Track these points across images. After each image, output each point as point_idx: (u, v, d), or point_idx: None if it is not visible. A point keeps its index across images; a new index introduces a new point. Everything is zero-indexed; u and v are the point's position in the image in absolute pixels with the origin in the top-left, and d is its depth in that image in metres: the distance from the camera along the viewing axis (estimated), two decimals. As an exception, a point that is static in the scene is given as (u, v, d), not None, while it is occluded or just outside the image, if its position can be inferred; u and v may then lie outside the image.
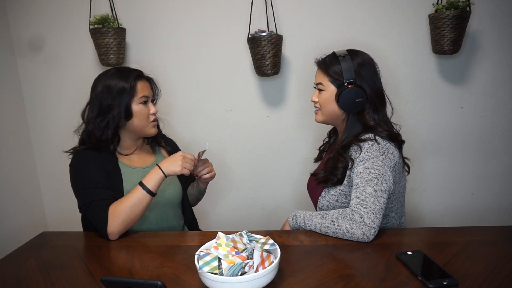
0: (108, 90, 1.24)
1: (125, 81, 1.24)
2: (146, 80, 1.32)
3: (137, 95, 1.26)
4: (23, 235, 1.36)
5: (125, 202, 1.16)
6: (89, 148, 1.26)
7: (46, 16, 1.96)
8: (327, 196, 1.24)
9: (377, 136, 1.17)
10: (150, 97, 1.32)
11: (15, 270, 1.04)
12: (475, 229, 1.16)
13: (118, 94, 1.24)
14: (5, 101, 1.97)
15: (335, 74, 1.20)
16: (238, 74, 1.94)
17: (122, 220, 1.15)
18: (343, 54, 1.21)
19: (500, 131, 1.87)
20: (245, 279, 0.81)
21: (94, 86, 1.29)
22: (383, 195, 1.07)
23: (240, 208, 2.09)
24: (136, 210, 1.17)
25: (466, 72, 1.83)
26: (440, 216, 2.00)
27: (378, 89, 1.23)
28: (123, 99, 1.24)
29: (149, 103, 1.31)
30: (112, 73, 1.28)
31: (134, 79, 1.26)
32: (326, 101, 1.24)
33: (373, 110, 1.22)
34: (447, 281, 0.84)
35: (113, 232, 1.15)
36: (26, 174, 2.09)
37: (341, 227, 1.06)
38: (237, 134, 2.02)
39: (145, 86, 1.30)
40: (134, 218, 1.17)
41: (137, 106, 1.26)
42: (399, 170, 1.18)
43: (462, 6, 1.60)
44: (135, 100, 1.26)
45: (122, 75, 1.26)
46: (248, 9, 1.80)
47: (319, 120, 1.30)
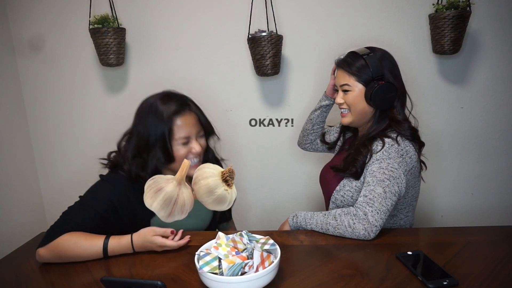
0: (146, 121, 1.09)
1: (163, 122, 1.08)
2: (191, 112, 1.13)
3: (175, 136, 1.09)
4: (23, 235, 1.36)
5: (78, 241, 1.02)
6: (124, 176, 1.13)
7: (46, 16, 1.96)
8: (342, 190, 1.21)
9: (399, 137, 1.15)
10: (195, 135, 1.13)
11: (15, 270, 1.04)
12: (475, 229, 1.16)
13: (156, 129, 1.08)
14: (5, 101, 1.97)
15: (361, 72, 1.19)
16: (238, 74, 1.94)
17: (60, 254, 1.02)
18: (366, 52, 1.20)
19: (500, 131, 1.87)
20: (245, 279, 0.81)
21: (136, 114, 1.13)
22: (392, 198, 1.07)
23: (240, 208, 2.09)
24: (81, 255, 1.02)
25: (466, 72, 1.83)
26: (440, 216, 2.00)
27: (402, 83, 1.23)
28: (162, 137, 1.08)
29: (193, 141, 1.13)
30: (155, 99, 1.11)
31: (172, 114, 1.08)
32: (355, 101, 1.21)
33: (401, 104, 1.21)
34: (447, 281, 0.84)
35: (44, 257, 1.03)
36: (26, 174, 2.09)
37: (344, 222, 1.06)
38: (237, 134, 2.02)
39: (187, 123, 1.11)
40: (73, 259, 1.03)
41: (176, 146, 1.10)
42: (415, 174, 1.17)
43: (462, 6, 1.60)
44: (174, 140, 1.10)
45: (161, 113, 1.08)
46: (248, 9, 1.80)
47: (347, 122, 1.26)
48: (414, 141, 1.18)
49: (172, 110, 1.09)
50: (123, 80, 1.98)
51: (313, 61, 1.88)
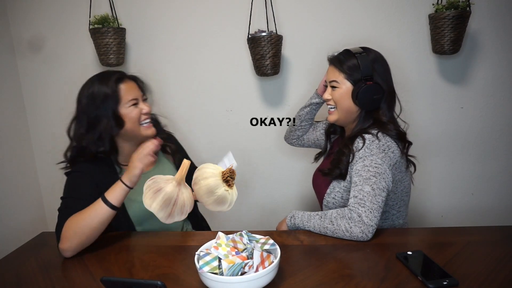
0: (91, 101, 1.17)
1: (106, 87, 1.16)
2: (131, 80, 1.23)
3: (123, 99, 1.18)
4: (23, 235, 1.36)
5: (82, 215, 1.07)
6: (86, 161, 1.20)
7: (46, 16, 1.96)
8: (333, 193, 1.23)
9: (380, 133, 1.16)
10: (140, 98, 1.24)
11: (15, 270, 1.04)
12: (475, 229, 1.16)
13: (102, 102, 1.16)
14: (5, 101, 1.97)
15: (351, 71, 1.19)
16: (238, 74, 1.94)
17: (75, 233, 1.04)
18: (359, 51, 1.20)
19: (500, 131, 1.87)
20: (245, 279, 0.81)
21: (78, 99, 1.21)
22: (381, 194, 1.07)
23: (240, 208, 2.09)
24: (93, 224, 1.05)
25: (466, 72, 1.83)
26: (440, 216, 2.00)
27: (391, 86, 1.23)
28: (109, 106, 1.16)
29: (140, 103, 1.23)
30: (93, 81, 1.20)
31: (115, 83, 1.17)
32: (341, 98, 1.22)
33: (387, 107, 1.21)
34: (447, 281, 0.84)
35: (65, 248, 1.05)
36: (26, 174, 2.09)
37: (340, 227, 1.06)
38: (237, 134, 2.02)
39: (131, 87, 1.21)
40: (90, 233, 1.06)
41: (126, 110, 1.18)
42: (401, 169, 1.17)
43: (462, 6, 1.60)
44: (123, 105, 1.18)
45: (102, 81, 1.18)
46: (248, 9, 1.80)
47: (333, 119, 1.27)
48: (400, 140, 1.18)
49: (114, 79, 1.18)
50: (123, 80, 1.98)
51: (313, 61, 1.88)
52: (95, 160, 1.20)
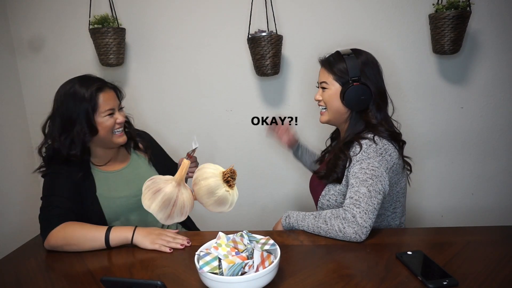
0: (68, 101, 1.17)
1: (86, 91, 1.17)
2: (111, 90, 1.24)
3: (100, 108, 1.19)
4: (23, 235, 1.36)
5: (82, 230, 1.11)
6: (61, 163, 1.22)
7: (46, 16, 1.96)
8: (327, 195, 1.24)
9: (376, 137, 1.17)
10: (117, 107, 1.24)
11: (15, 270, 1.04)
12: (475, 229, 1.16)
13: (78, 105, 1.17)
14: (5, 101, 1.97)
15: (339, 72, 1.21)
16: (238, 74, 1.94)
17: (65, 242, 1.10)
18: (347, 53, 1.22)
19: (500, 131, 1.87)
20: (245, 279, 0.81)
21: (55, 98, 1.21)
22: (377, 196, 1.08)
23: (240, 208, 2.08)
24: (82, 244, 1.10)
25: (466, 72, 1.83)
26: (440, 216, 2.00)
27: (381, 88, 1.24)
28: (84, 111, 1.16)
29: (116, 113, 1.24)
30: (73, 82, 1.21)
31: (95, 91, 1.18)
32: (330, 99, 1.24)
33: (376, 108, 1.22)
34: (447, 281, 0.84)
35: (50, 244, 1.11)
36: (26, 174, 2.09)
37: (334, 227, 1.07)
38: (237, 134, 2.02)
39: (110, 97, 1.22)
40: (75, 247, 1.11)
41: (101, 119, 1.20)
42: (398, 171, 1.18)
43: (462, 6, 1.61)
44: (99, 114, 1.19)
45: (83, 84, 1.19)
46: (248, 9, 1.80)
47: (324, 120, 1.30)
48: (394, 141, 1.18)
49: (94, 88, 1.19)
50: (123, 80, 1.98)
51: (313, 61, 1.86)
52: (69, 162, 1.22)
